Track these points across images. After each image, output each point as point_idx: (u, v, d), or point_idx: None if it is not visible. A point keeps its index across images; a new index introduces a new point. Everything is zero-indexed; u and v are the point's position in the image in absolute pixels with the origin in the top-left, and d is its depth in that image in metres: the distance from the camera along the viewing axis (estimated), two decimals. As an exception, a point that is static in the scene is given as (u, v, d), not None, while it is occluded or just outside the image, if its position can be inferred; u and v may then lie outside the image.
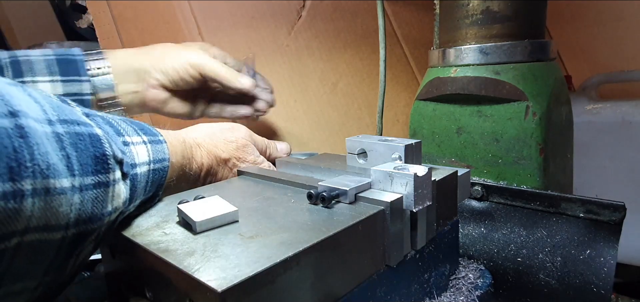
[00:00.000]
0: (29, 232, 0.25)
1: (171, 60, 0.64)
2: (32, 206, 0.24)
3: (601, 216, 0.47)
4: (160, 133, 0.43)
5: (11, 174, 0.23)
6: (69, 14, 1.37)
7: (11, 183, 0.23)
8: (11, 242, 0.24)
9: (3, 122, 0.24)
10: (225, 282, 0.24)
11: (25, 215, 0.24)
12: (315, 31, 0.95)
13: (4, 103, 0.25)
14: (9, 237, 0.23)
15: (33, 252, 0.26)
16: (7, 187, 0.23)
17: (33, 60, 0.57)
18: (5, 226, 0.23)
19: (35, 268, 0.27)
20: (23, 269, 0.26)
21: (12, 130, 0.24)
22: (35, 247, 0.26)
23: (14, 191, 0.23)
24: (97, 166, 0.30)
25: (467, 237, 0.56)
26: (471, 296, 0.45)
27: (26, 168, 0.24)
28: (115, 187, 0.31)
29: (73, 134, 0.29)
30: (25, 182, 0.24)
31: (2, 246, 0.23)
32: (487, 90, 0.60)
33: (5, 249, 0.24)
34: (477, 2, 0.61)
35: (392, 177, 0.37)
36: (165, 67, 0.64)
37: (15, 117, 0.25)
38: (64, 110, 0.30)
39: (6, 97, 0.25)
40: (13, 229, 0.23)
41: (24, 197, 0.24)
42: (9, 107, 0.25)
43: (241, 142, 0.53)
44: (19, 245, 0.24)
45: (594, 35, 1.23)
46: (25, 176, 0.24)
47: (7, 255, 0.24)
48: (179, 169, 0.45)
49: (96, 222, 0.30)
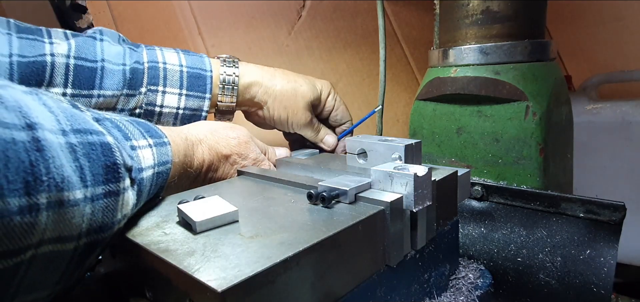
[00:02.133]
0: (43, 245, 0.25)
1: (284, 112, 0.65)
2: (47, 219, 0.24)
3: (601, 216, 0.47)
4: (165, 134, 0.43)
5: (27, 189, 0.23)
6: (69, 14, 1.37)
7: (27, 197, 0.23)
8: (26, 255, 0.24)
9: (20, 136, 0.23)
10: (225, 282, 0.24)
11: (40, 228, 0.24)
12: (315, 31, 0.95)
13: (22, 115, 0.24)
14: (25, 251, 0.23)
15: (47, 264, 0.26)
16: (23, 201, 0.23)
17: (168, 70, 0.58)
18: (21, 240, 0.23)
19: (48, 279, 0.27)
20: (37, 281, 0.26)
21: (29, 144, 0.24)
22: (48, 259, 0.26)
23: (30, 205, 0.23)
24: (108, 175, 0.30)
25: (467, 237, 0.56)
26: (471, 296, 0.45)
27: (42, 182, 0.24)
28: (124, 195, 0.32)
29: (86, 144, 0.29)
30: (40, 196, 0.24)
31: (18, 259, 0.23)
32: (487, 90, 0.60)
33: (20, 262, 0.23)
34: (477, 2, 0.61)
35: (392, 177, 0.37)
36: (275, 115, 0.66)
37: (32, 130, 0.24)
38: (77, 118, 0.30)
39: (24, 109, 0.25)
40: (28, 243, 0.23)
41: (39, 210, 0.24)
42: (26, 120, 0.24)
43: (243, 139, 0.53)
44: (34, 257, 0.24)
45: (594, 35, 1.23)
46: (41, 190, 0.24)
47: (23, 268, 0.24)
48: (181, 168, 0.45)
49: (107, 231, 0.30)
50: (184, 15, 0.83)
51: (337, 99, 0.70)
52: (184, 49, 0.63)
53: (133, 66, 0.56)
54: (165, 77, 0.58)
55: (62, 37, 0.53)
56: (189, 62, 0.60)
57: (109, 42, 0.56)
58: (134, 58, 0.56)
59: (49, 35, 0.52)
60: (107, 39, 0.56)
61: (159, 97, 0.58)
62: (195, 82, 0.60)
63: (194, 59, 0.61)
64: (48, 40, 0.52)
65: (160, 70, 0.58)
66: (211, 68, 0.61)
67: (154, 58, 0.58)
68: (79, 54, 0.53)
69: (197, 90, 0.60)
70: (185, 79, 0.59)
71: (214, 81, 0.61)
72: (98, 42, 0.55)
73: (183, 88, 0.59)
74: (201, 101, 0.61)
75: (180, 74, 0.59)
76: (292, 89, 0.65)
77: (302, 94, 0.65)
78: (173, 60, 0.59)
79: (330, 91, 0.69)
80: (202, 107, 0.61)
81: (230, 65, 0.62)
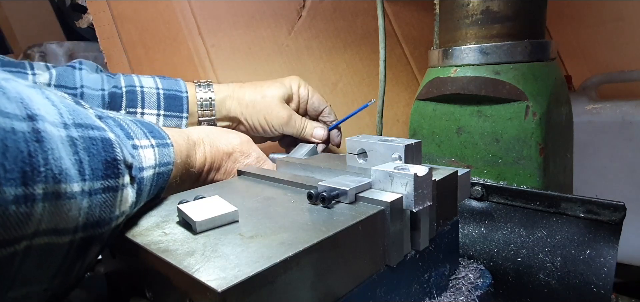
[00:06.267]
0: (38, 236, 0.25)
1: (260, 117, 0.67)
2: (43, 210, 0.24)
3: (601, 216, 0.47)
4: (168, 135, 0.43)
5: (24, 179, 0.23)
6: (69, 14, 1.38)
7: (23, 187, 0.23)
8: (21, 246, 0.24)
9: (20, 126, 0.24)
10: (225, 282, 0.24)
11: (36, 219, 0.24)
12: (315, 31, 0.95)
13: (23, 106, 0.25)
14: (19, 241, 0.23)
15: (42, 256, 0.26)
16: (19, 191, 0.23)
17: (145, 92, 0.61)
18: (16, 230, 0.23)
19: (44, 272, 0.27)
20: (32, 273, 0.26)
21: (28, 135, 0.24)
22: (44, 251, 0.26)
23: (26, 195, 0.23)
24: (108, 170, 0.30)
25: (467, 237, 0.56)
26: (471, 296, 0.45)
27: (39, 173, 0.24)
28: (123, 192, 0.32)
29: (87, 138, 0.29)
30: (37, 186, 0.24)
31: (12, 249, 0.23)
32: (487, 90, 0.60)
33: (15, 253, 0.24)
34: (477, 2, 0.61)
35: (393, 177, 0.37)
36: (254, 123, 0.68)
37: (33, 121, 0.25)
38: (79, 113, 0.30)
39: (26, 101, 0.25)
40: (23, 233, 0.23)
41: (35, 201, 0.24)
42: (28, 111, 0.25)
43: (244, 138, 0.55)
44: (28, 248, 0.24)
45: (594, 35, 1.23)
46: (38, 180, 0.24)
47: (17, 259, 0.24)
48: (183, 168, 0.45)
49: (104, 227, 0.30)
50: (184, 15, 0.83)
51: (309, 89, 0.72)
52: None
53: (111, 91, 0.59)
54: (142, 99, 0.61)
55: (43, 68, 0.56)
56: (165, 84, 0.63)
57: (87, 71, 0.59)
58: (111, 84, 0.59)
59: (31, 67, 0.55)
60: (85, 68, 0.59)
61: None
62: (172, 103, 0.63)
63: (169, 82, 0.64)
64: (30, 72, 0.55)
65: (138, 93, 0.61)
66: (186, 90, 0.64)
67: (131, 83, 0.61)
68: (59, 82, 0.56)
69: (174, 110, 0.63)
70: (162, 99, 0.62)
71: (190, 101, 0.64)
72: (77, 71, 0.58)
73: (161, 109, 0.62)
74: (179, 120, 0.63)
75: (157, 95, 0.62)
76: (260, 93, 0.67)
77: (271, 94, 0.67)
78: (149, 83, 0.62)
79: (300, 83, 0.71)
80: (180, 126, 0.64)
81: (205, 89, 0.66)
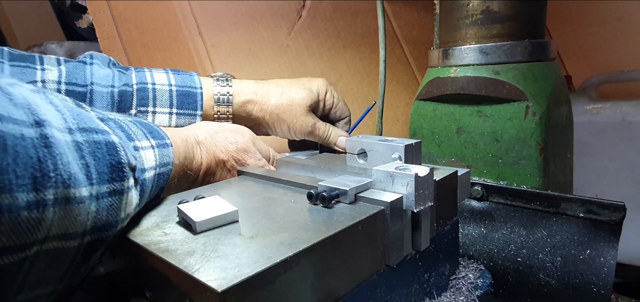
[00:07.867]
0: (48, 241, 0.25)
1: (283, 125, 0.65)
2: (53, 215, 0.24)
3: (601, 216, 0.47)
4: (167, 135, 0.43)
5: (35, 184, 0.23)
6: (69, 14, 1.37)
7: (35, 193, 0.23)
8: (32, 251, 0.24)
9: (29, 132, 0.24)
10: (225, 282, 0.24)
11: (46, 224, 0.24)
12: (315, 31, 0.95)
13: (30, 112, 0.25)
14: (30, 246, 0.23)
15: (51, 260, 0.26)
16: (30, 197, 0.23)
17: (157, 90, 0.59)
18: (28, 235, 0.23)
19: (52, 275, 0.27)
20: (41, 277, 0.26)
21: (37, 141, 0.24)
22: (53, 256, 0.26)
23: (37, 201, 0.23)
24: (113, 173, 0.30)
25: (467, 237, 0.56)
26: (471, 296, 0.45)
27: (49, 178, 0.24)
28: (128, 195, 0.32)
29: (92, 142, 0.29)
30: (48, 191, 0.24)
31: (23, 254, 0.23)
32: (487, 90, 0.60)
33: (25, 258, 0.24)
34: (477, 2, 0.61)
35: (394, 177, 0.37)
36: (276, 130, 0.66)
37: (41, 127, 0.25)
38: (83, 117, 0.30)
39: (32, 106, 0.25)
40: (34, 239, 0.23)
41: (46, 206, 0.24)
42: (35, 117, 0.25)
43: (242, 146, 0.53)
44: (38, 253, 0.24)
45: (594, 35, 1.23)
46: (49, 186, 0.24)
47: (27, 263, 0.24)
48: (181, 169, 0.45)
49: (110, 230, 0.30)
50: (184, 15, 0.83)
51: (335, 95, 0.69)
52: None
53: (121, 89, 0.56)
54: (154, 97, 0.58)
55: (54, 63, 0.54)
56: (178, 80, 0.60)
57: (98, 65, 0.57)
58: (122, 81, 0.57)
59: (41, 62, 0.53)
60: (96, 63, 0.57)
61: (150, 118, 0.58)
62: (185, 100, 0.60)
63: (183, 77, 0.61)
64: (40, 67, 0.52)
65: (150, 91, 0.58)
66: (201, 85, 0.61)
67: (143, 79, 0.58)
68: (69, 79, 0.53)
69: (187, 108, 0.60)
70: (175, 97, 0.59)
71: (205, 98, 0.61)
72: (88, 66, 0.55)
73: (173, 107, 0.59)
74: (192, 118, 0.61)
75: (169, 93, 0.59)
76: (288, 100, 0.64)
77: (299, 103, 0.64)
78: (162, 80, 0.59)
79: (328, 89, 0.68)
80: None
81: (223, 84, 0.62)
